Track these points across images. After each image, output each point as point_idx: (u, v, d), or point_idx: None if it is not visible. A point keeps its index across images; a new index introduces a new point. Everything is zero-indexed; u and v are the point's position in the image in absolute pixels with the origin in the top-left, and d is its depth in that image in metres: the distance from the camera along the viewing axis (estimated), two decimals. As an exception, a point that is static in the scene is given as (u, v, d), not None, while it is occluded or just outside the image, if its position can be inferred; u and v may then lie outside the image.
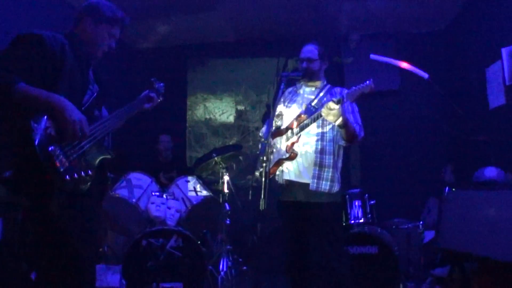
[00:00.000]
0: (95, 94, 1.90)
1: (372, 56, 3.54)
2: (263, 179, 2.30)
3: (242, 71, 5.48)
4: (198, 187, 3.72)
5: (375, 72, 4.64)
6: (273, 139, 2.60)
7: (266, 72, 5.29)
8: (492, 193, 2.32)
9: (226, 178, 3.72)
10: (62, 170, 1.62)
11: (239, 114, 5.48)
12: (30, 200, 1.67)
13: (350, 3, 4.39)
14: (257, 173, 2.50)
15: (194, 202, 3.58)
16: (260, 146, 2.57)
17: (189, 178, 3.79)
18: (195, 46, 5.51)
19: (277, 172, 2.58)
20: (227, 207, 3.64)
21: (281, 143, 2.57)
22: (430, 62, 4.66)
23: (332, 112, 2.28)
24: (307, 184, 2.45)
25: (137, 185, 3.56)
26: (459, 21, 4.61)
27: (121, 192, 3.45)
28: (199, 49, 5.52)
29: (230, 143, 5.38)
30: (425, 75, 3.39)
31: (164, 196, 3.45)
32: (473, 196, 2.44)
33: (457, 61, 4.68)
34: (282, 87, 2.55)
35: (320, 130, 2.49)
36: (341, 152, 2.58)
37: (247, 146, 5.29)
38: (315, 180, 2.43)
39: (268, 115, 2.58)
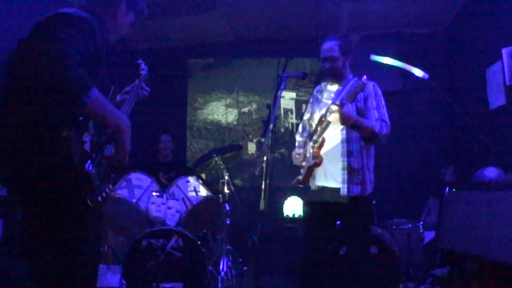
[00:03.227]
0: (111, 91, 1.72)
1: (372, 56, 3.54)
2: (263, 179, 2.29)
3: (243, 71, 5.48)
4: (198, 187, 3.72)
5: (375, 73, 4.64)
6: (304, 146, 2.54)
7: (266, 72, 5.29)
8: (492, 194, 2.32)
9: (226, 178, 3.73)
10: (96, 191, 1.48)
11: (239, 115, 5.48)
12: (63, 221, 1.46)
13: (350, 3, 4.39)
14: (256, 173, 2.47)
15: (194, 202, 3.58)
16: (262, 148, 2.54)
17: (189, 178, 3.79)
18: (195, 46, 5.51)
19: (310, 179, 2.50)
20: (227, 207, 3.65)
21: (309, 150, 2.47)
22: (430, 62, 4.66)
23: (336, 116, 2.16)
24: (336, 189, 2.37)
25: (137, 185, 3.55)
26: (459, 21, 4.61)
27: (121, 192, 3.45)
28: (199, 49, 5.52)
29: (230, 143, 5.39)
30: (425, 76, 3.38)
31: (164, 196, 3.45)
32: (473, 196, 2.44)
33: (457, 61, 4.68)
34: (282, 87, 2.54)
35: (344, 131, 2.38)
36: (372, 151, 2.49)
37: (244, 148, 5.31)
38: (345, 185, 2.33)
39: (269, 115, 2.57)
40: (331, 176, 2.42)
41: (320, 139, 2.36)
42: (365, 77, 2.19)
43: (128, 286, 3.07)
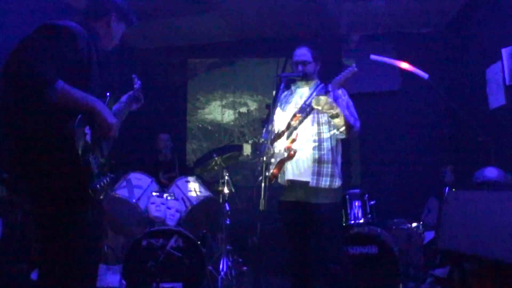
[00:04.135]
0: (108, 96, 1.86)
1: (372, 56, 3.54)
2: (263, 179, 2.30)
3: (242, 71, 5.48)
4: (198, 187, 3.72)
5: (375, 73, 4.65)
6: (272, 144, 2.60)
7: (266, 72, 5.29)
8: (492, 194, 2.32)
9: (226, 178, 3.73)
10: (96, 179, 1.60)
11: (238, 115, 5.48)
12: (66, 207, 1.58)
13: (350, 3, 4.39)
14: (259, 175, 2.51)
15: (194, 202, 3.58)
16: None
17: (189, 178, 3.79)
18: (195, 46, 5.51)
19: (279, 174, 2.58)
20: (227, 207, 3.65)
21: (281, 145, 2.58)
22: (430, 62, 4.66)
23: (321, 102, 2.34)
24: (308, 182, 2.46)
25: (137, 185, 3.56)
26: (459, 21, 4.61)
27: (121, 192, 3.45)
28: (199, 49, 5.52)
29: (227, 144, 5.39)
30: (425, 76, 3.38)
31: (164, 196, 3.45)
32: (473, 196, 2.43)
33: (457, 61, 4.68)
34: (282, 87, 2.56)
35: (316, 126, 2.52)
36: (340, 147, 2.60)
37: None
38: (315, 177, 2.45)
39: (268, 116, 2.59)
40: (303, 170, 2.50)
41: (294, 134, 2.50)
42: (353, 65, 2.39)
43: (128, 286, 3.08)
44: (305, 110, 2.49)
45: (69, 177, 1.53)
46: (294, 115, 2.55)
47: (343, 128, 2.43)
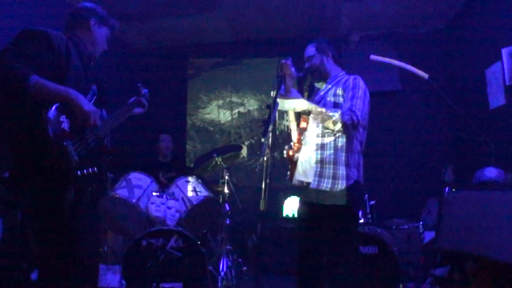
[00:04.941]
0: (96, 95, 1.95)
1: (372, 56, 3.53)
2: (263, 179, 2.29)
3: (242, 71, 5.48)
4: (198, 187, 3.72)
5: (375, 73, 4.65)
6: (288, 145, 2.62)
7: (266, 72, 5.29)
8: (492, 194, 2.32)
9: (226, 178, 3.73)
10: (74, 165, 1.67)
11: (238, 115, 5.48)
12: (42, 191, 1.68)
13: (350, 3, 4.39)
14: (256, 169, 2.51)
15: (194, 202, 3.58)
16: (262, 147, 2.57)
17: (189, 178, 3.79)
18: (195, 46, 5.52)
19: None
20: (227, 207, 3.65)
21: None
22: (430, 62, 4.66)
23: (286, 102, 2.31)
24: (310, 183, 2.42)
25: (137, 185, 3.56)
26: (459, 21, 4.61)
27: (121, 192, 3.45)
28: (199, 49, 5.53)
29: (226, 144, 5.39)
30: (425, 76, 3.38)
31: (164, 196, 3.45)
32: (473, 196, 2.43)
33: (457, 61, 4.68)
34: (282, 87, 2.55)
35: (320, 125, 2.44)
36: (353, 146, 2.44)
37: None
38: (316, 178, 2.36)
39: (269, 116, 2.57)
40: (308, 171, 2.45)
41: (295, 135, 2.49)
42: (289, 58, 2.39)
43: (128, 286, 3.08)
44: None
45: (42, 160, 1.63)
46: (301, 116, 2.51)
47: (324, 123, 2.33)
